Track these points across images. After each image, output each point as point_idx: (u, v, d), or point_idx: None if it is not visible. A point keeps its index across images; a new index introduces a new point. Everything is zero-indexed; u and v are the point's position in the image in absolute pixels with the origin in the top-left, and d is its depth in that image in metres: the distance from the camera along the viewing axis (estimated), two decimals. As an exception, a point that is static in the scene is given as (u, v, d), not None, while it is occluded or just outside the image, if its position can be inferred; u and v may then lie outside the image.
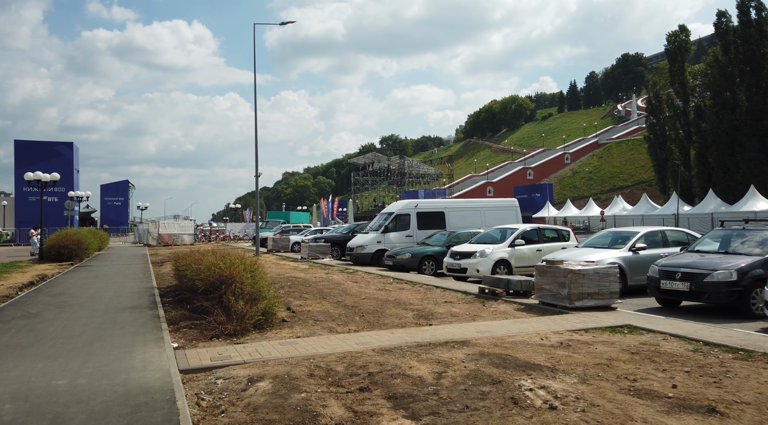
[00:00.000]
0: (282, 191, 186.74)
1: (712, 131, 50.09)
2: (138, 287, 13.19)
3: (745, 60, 46.74)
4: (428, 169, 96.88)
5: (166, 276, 16.81)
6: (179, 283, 11.90)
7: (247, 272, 8.37)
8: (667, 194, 59.64)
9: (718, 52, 52.60)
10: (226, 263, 8.57)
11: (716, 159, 49.79)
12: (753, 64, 46.24)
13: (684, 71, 59.40)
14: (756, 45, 46.22)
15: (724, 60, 49.98)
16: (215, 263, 8.64)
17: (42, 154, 46.19)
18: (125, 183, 68.93)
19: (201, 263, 9.33)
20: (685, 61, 61.29)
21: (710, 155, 51.18)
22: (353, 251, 18.98)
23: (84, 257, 25.44)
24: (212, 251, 11.79)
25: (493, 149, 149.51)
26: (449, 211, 19.31)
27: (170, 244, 39.79)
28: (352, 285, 12.75)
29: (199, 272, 8.72)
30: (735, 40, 48.29)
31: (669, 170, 58.09)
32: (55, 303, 10.27)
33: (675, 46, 60.50)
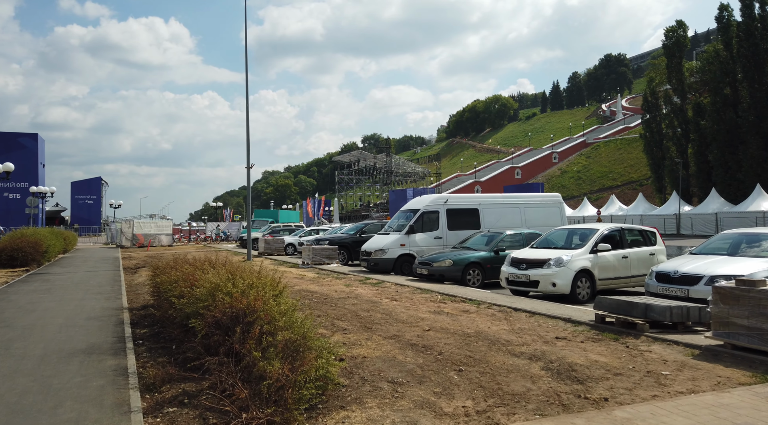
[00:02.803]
0: (262, 189, 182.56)
1: (712, 129, 48.40)
2: (101, 309, 9.80)
3: (748, 55, 45.02)
4: (415, 167, 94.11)
5: (141, 288, 13.39)
6: (158, 303, 8.60)
7: (273, 298, 5.17)
8: (663, 193, 57.97)
9: (718, 47, 50.95)
10: (239, 284, 5.33)
11: (716, 157, 48.08)
12: (757, 60, 44.54)
13: (682, 67, 57.81)
14: (760, 40, 44.49)
15: (725, 55, 48.27)
16: (221, 285, 5.39)
17: (2, 145, 41.90)
18: (98, 180, 64.54)
19: (196, 283, 6.08)
20: (683, 56, 59.75)
21: (710, 153, 49.51)
22: (370, 256, 15.79)
23: (43, 261, 21.69)
24: (207, 260, 8.64)
25: (477, 148, 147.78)
26: (484, 208, 16.25)
27: (146, 245, 35.94)
28: (392, 305, 9.57)
29: (195, 301, 5.46)
30: (738, 35, 46.49)
31: (666, 169, 56.38)
32: None
33: (672, 42, 58.82)
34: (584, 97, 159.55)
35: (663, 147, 58.99)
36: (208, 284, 5.58)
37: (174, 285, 7.07)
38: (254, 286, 5.46)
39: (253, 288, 5.37)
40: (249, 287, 5.41)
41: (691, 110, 54.63)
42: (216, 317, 4.85)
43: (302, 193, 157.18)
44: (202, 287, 5.70)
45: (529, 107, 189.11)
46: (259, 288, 5.41)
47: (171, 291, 6.89)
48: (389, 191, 79.95)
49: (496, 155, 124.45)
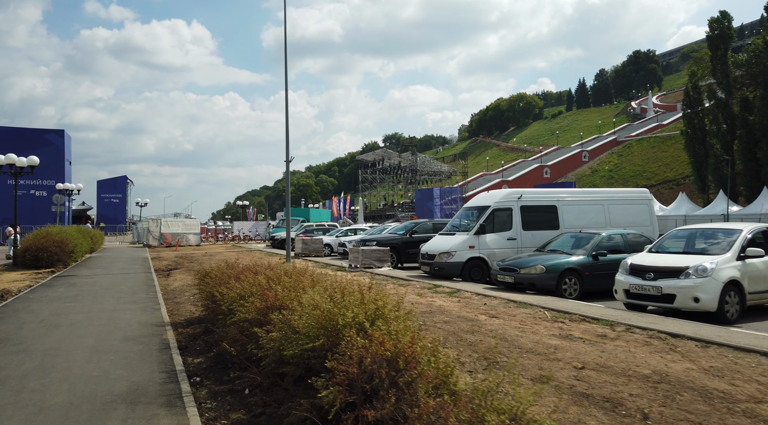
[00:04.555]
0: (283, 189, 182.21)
1: (762, 124, 45.41)
2: (138, 324, 8.06)
3: (803, 47, 41.92)
4: (441, 166, 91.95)
5: (180, 295, 11.68)
6: (211, 317, 6.84)
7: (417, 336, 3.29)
8: (707, 192, 55.06)
9: (768, 38, 47.94)
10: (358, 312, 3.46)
11: (766, 154, 45.08)
12: (813, 51, 41.45)
13: (727, 60, 54.67)
14: (813, 29, 41.44)
15: (775, 47, 45.30)
16: (336, 314, 3.53)
17: (29, 142, 40.97)
18: (123, 179, 63.85)
19: (281, 303, 4.24)
20: (728, 48, 56.60)
21: (759, 151, 46.50)
22: (433, 259, 13.86)
23: (69, 262, 20.25)
24: (261, 265, 6.89)
25: (501, 147, 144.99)
26: (563, 205, 14.20)
27: (174, 245, 34.56)
28: (496, 324, 7.64)
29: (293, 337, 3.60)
30: (793, 26, 43.41)
31: (710, 167, 53.47)
32: None
33: (717, 33, 55.70)
34: (611, 95, 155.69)
35: (706, 144, 55.91)
36: (315, 311, 3.71)
37: (241, 303, 5.25)
38: (382, 315, 3.58)
39: (384, 319, 3.50)
40: (376, 316, 3.53)
41: (737, 105, 51.59)
42: (349, 374, 2.96)
43: (323, 192, 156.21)
44: (300, 312, 3.85)
45: (553, 105, 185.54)
46: (390, 318, 3.54)
47: (239, 311, 5.06)
48: (415, 191, 78.01)
49: (522, 154, 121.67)
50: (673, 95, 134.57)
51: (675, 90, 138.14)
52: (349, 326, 3.39)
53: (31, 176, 34.30)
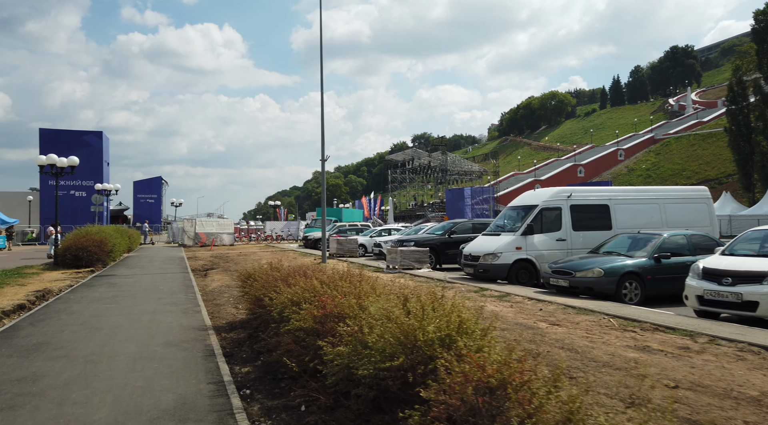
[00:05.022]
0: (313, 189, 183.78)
1: (813, 121, 43.22)
2: (180, 328, 7.75)
3: None
4: (471, 166, 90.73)
5: (219, 296, 11.41)
6: (257, 323, 6.46)
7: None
8: (752, 191, 52.72)
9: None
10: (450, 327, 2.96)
11: (816, 151, 42.88)
12: None
13: (775, 53, 52.22)
14: None
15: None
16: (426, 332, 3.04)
17: (69, 143, 41.87)
18: (158, 180, 64.87)
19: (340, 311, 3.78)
20: (779, 41, 54.02)
21: (808, 148, 44.28)
22: (477, 260, 13.26)
23: (108, 261, 20.39)
24: (309, 268, 6.47)
25: (533, 146, 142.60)
26: (616, 204, 13.42)
27: (209, 245, 34.77)
28: (560, 333, 7.04)
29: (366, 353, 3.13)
30: None
31: (756, 165, 51.18)
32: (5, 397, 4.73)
33: (763, 26, 53.25)
34: (647, 92, 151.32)
35: (752, 141, 53.47)
36: (390, 324, 3.22)
37: (294, 309, 4.82)
38: (466, 330, 3.07)
39: (467, 335, 2.98)
40: (460, 331, 3.02)
41: (786, 101, 49.29)
42: (450, 405, 2.47)
43: (352, 192, 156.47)
44: (369, 322, 3.37)
45: (586, 103, 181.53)
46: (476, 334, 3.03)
47: (293, 318, 4.62)
48: (445, 190, 77.16)
49: (555, 153, 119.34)
50: (712, 91, 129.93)
51: (715, 86, 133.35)
52: (431, 343, 2.90)
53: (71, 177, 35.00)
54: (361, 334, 3.39)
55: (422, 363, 2.92)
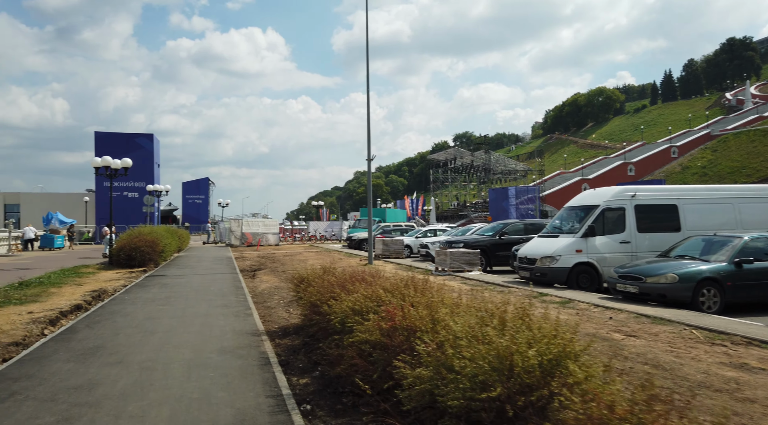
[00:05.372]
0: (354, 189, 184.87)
1: None
2: (233, 333, 7.55)
3: None
4: (516, 165, 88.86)
5: (269, 298, 11.27)
6: (314, 331, 6.16)
7: None
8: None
9: None
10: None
11: None
12: None
13: None
14: None
15: None
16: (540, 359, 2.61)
17: (122, 146, 43.34)
18: (206, 181, 66.55)
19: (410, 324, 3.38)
20: None
21: None
22: (534, 263, 12.62)
23: (160, 261, 20.78)
24: (364, 273, 6.12)
25: (579, 144, 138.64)
26: (685, 203, 12.51)
27: (255, 245, 35.20)
28: (638, 346, 6.44)
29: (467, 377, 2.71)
30: None
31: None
32: (61, 407, 4.55)
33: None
34: (702, 87, 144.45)
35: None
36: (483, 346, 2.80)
37: (357, 319, 4.46)
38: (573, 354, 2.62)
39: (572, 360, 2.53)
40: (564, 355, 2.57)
41: None
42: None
43: (393, 192, 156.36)
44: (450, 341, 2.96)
45: (635, 99, 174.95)
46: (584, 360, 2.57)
47: (357, 330, 4.26)
48: (489, 190, 75.89)
49: (603, 151, 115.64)
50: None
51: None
52: (532, 369, 2.48)
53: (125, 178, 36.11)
54: (441, 354, 2.99)
55: (521, 393, 2.49)
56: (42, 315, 8.88)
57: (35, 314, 8.97)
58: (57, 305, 10.05)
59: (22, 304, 10.10)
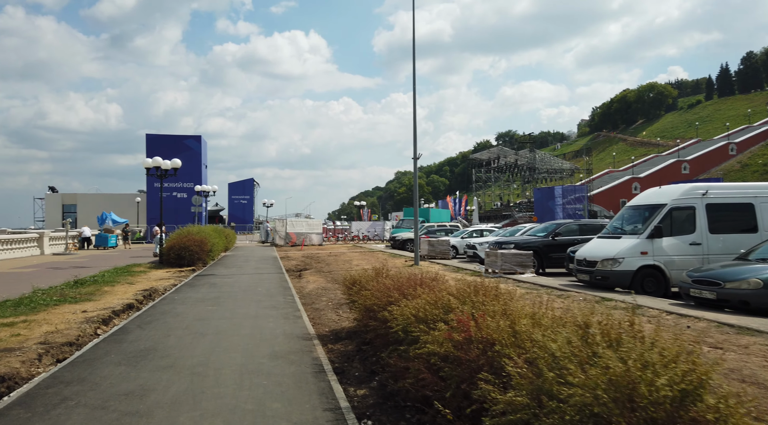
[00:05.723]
0: (395, 189, 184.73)
1: None
2: (284, 336, 7.30)
3: None
4: (562, 163, 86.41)
5: (317, 300, 11.03)
6: (374, 337, 5.80)
7: None
8: None
9: None
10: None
11: None
12: None
13: None
14: None
15: None
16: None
17: (171, 147, 44.43)
18: (251, 182, 67.73)
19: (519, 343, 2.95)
20: None
21: None
22: (594, 266, 11.89)
23: (208, 260, 21.02)
24: (417, 277, 5.68)
25: (628, 141, 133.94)
26: (762, 202, 11.52)
27: (299, 244, 35.39)
28: (731, 360, 5.79)
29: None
30: None
31: None
32: (112, 416, 4.31)
33: None
34: (762, 80, 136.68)
35: None
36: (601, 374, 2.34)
37: (421, 328, 4.06)
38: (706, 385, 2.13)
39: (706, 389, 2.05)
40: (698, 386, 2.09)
41: None
42: None
43: (435, 192, 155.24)
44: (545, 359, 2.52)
45: (688, 95, 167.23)
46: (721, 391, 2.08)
47: (424, 340, 3.86)
48: (534, 189, 74.14)
49: (654, 149, 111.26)
50: None
51: None
52: (661, 402, 2.01)
53: (174, 179, 36.97)
54: (537, 377, 2.54)
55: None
56: (95, 314, 8.91)
57: (89, 313, 9.01)
58: (110, 304, 10.11)
59: (76, 303, 10.22)
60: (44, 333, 7.41)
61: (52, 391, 4.84)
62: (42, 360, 6.25)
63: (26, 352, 6.32)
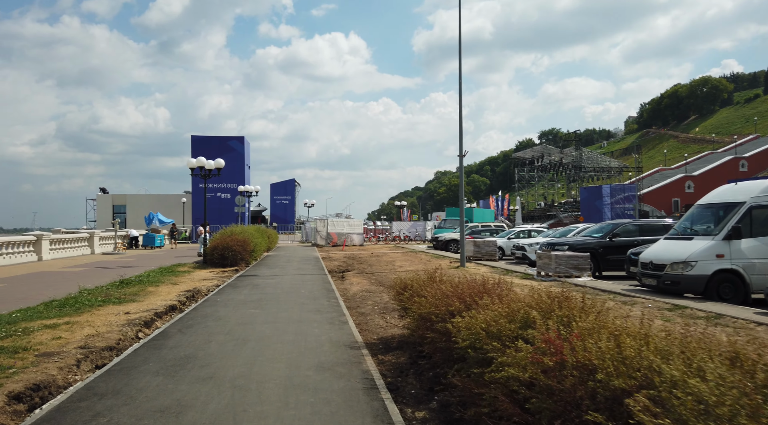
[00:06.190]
0: (435, 189, 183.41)
1: None
2: (330, 344, 6.79)
3: None
4: (610, 162, 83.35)
5: (362, 303, 10.52)
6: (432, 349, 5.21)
7: None
8: None
9: None
10: None
11: None
12: None
13: None
14: None
15: None
16: None
17: (215, 148, 45.11)
18: (292, 182, 68.30)
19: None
20: None
21: None
22: (662, 270, 10.90)
23: (251, 260, 20.91)
24: (475, 281, 5.07)
25: (680, 138, 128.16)
26: None
27: (341, 245, 35.15)
28: None
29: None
30: None
31: None
32: None
33: None
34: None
35: None
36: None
37: (494, 345, 3.44)
38: None
39: None
40: None
41: None
42: None
43: (475, 192, 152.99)
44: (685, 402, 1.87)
45: (745, 89, 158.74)
46: None
47: (502, 362, 3.24)
48: (580, 189, 71.78)
49: (708, 146, 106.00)
50: None
51: None
52: None
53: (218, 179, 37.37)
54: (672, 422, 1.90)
55: None
56: (137, 316, 8.68)
57: (131, 315, 8.79)
58: (153, 305, 9.90)
59: (120, 304, 10.07)
60: (85, 336, 7.17)
61: (85, 405, 4.48)
62: (80, 366, 5.97)
63: (65, 357, 6.06)
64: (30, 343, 6.64)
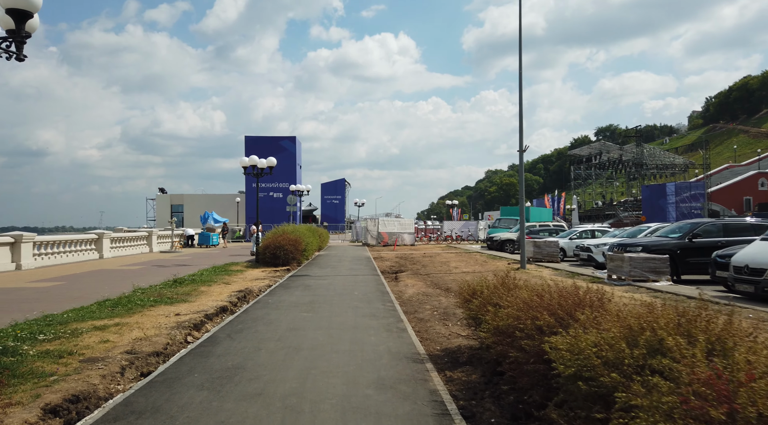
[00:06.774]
0: (486, 189, 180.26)
1: None
2: (390, 356, 6.11)
3: None
4: (674, 158, 78.89)
5: (419, 308, 9.81)
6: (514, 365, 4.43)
7: None
8: None
9: None
10: None
11: None
12: None
13: None
14: None
15: None
16: None
17: (267, 148, 45.55)
18: (342, 182, 68.46)
19: None
20: None
21: None
22: (762, 276, 9.60)
23: (302, 260, 20.61)
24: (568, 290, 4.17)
25: (750, 133, 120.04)
26: None
27: (391, 244, 34.55)
28: None
29: None
30: None
31: None
32: None
33: None
34: None
35: None
36: None
37: (614, 378, 2.64)
38: None
39: None
40: None
41: None
42: None
43: (528, 191, 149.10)
44: None
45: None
46: None
47: (631, 402, 2.45)
48: (642, 187, 68.36)
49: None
50: None
51: None
52: None
53: (270, 179, 37.61)
54: None
55: None
56: (187, 318, 8.33)
57: (181, 317, 8.45)
58: (204, 306, 9.57)
59: (172, 304, 9.81)
60: (133, 339, 6.83)
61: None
62: (124, 373, 5.57)
63: (109, 364, 5.68)
64: (77, 347, 6.34)
